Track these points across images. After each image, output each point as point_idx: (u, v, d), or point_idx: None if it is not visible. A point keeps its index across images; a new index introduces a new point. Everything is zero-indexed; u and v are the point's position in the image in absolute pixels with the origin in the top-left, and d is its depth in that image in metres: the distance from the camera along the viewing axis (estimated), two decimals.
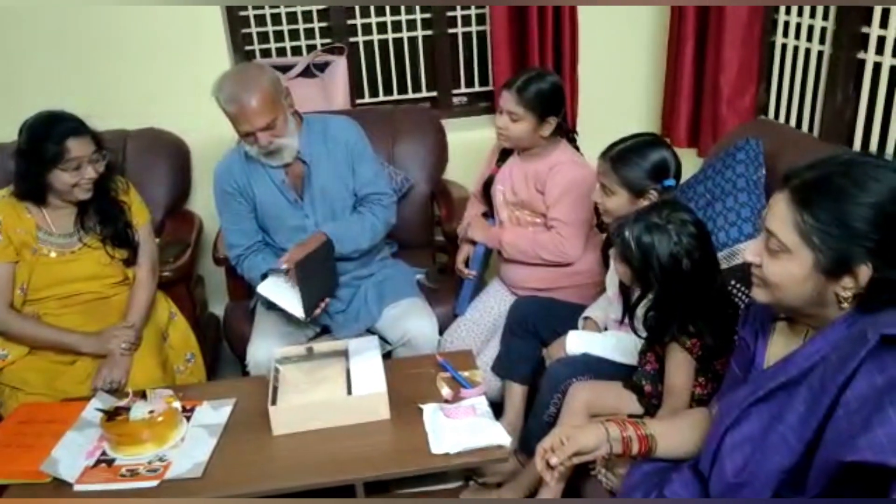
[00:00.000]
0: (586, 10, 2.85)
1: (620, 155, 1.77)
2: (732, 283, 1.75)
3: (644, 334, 1.59)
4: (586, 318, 1.99)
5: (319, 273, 2.01)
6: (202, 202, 2.77)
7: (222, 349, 2.73)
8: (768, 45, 2.68)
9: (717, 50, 2.65)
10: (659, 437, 1.31)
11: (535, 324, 2.04)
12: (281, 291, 2.03)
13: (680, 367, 1.51)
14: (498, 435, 1.62)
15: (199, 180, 2.79)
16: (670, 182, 1.75)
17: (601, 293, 2.04)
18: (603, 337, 1.84)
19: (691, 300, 1.49)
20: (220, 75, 1.97)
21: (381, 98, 3.14)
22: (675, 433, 1.34)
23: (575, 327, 1.98)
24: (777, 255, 1.08)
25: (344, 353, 1.92)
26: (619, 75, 3.10)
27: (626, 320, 1.74)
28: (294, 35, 2.99)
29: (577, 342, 1.83)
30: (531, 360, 2.03)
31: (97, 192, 2.01)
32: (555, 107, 2.10)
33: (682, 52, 2.75)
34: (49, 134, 1.88)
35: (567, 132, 2.23)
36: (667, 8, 2.84)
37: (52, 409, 1.82)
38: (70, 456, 1.61)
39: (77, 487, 1.55)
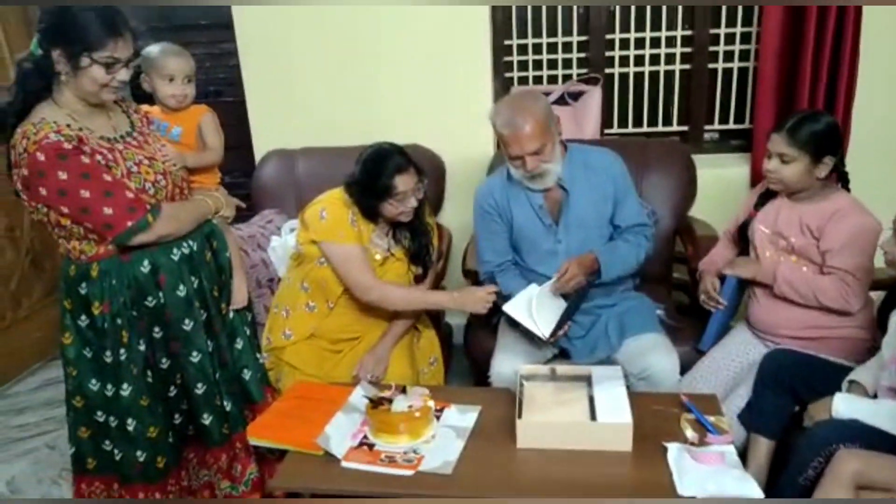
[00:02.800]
0: (870, 49, 2.65)
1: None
2: None
3: None
4: (852, 381, 1.84)
5: (576, 297, 2.07)
6: (452, 216, 2.96)
7: (453, 357, 2.88)
8: None
9: None
10: None
11: (791, 379, 1.93)
12: (525, 311, 2.12)
13: None
14: (749, 488, 1.56)
15: (450, 195, 2.98)
16: None
17: (868, 351, 1.89)
18: (877, 404, 1.70)
19: None
20: (498, 101, 2.12)
21: (630, 129, 3.15)
22: None
23: (837, 388, 1.84)
24: None
25: (586, 379, 1.95)
26: None
27: None
28: (552, 64, 3.09)
29: (845, 406, 1.70)
30: (783, 416, 1.93)
31: None
32: (831, 147, 2.00)
33: None
34: (380, 171, 2.08)
35: (844, 175, 2.11)
36: None
37: (323, 389, 2.04)
38: (339, 434, 1.79)
39: (344, 464, 1.72)
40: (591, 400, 1.86)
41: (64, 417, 2.76)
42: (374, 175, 2.08)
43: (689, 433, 1.75)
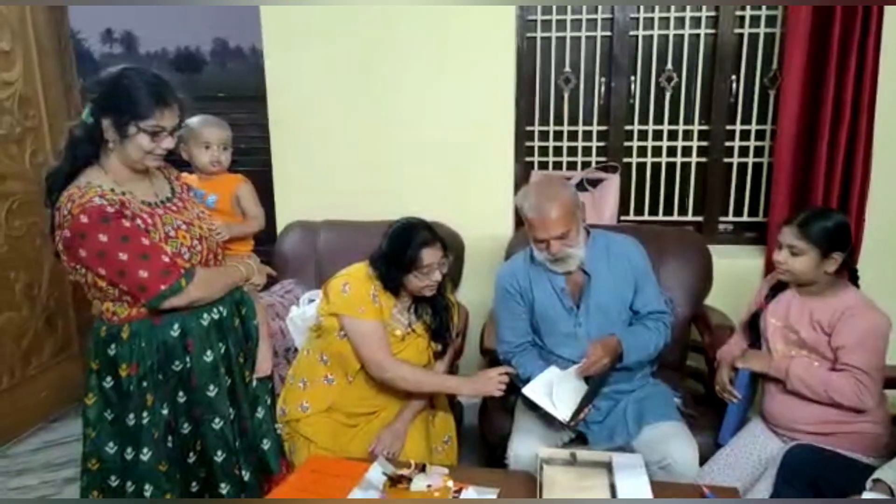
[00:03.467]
0: (884, 146, 2.73)
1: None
2: None
3: None
4: (876, 480, 1.82)
5: (598, 380, 2.07)
6: (470, 294, 2.98)
7: (464, 437, 2.85)
8: None
9: None
10: None
11: (815, 477, 1.91)
12: (544, 394, 2.11)
13: None
14: None
15: (469, 274, 3.01)
16: None
17: (885, 447, 1.87)
18: None
19: None
20: (527, 186, 2.18)
21: (646, 217, 3.21)
22: None
23: (859, 485, 1.82)
24: None
25: (606, 466, 1.93)
26: None
27: None
28: (572, 151, 3.19)
29: None
30: None
31: None
32: (840, 244, 2.04)
33: None
34: (407, 243, 2.11)
35: (854, 272, 2.15)
36: None
37: (338, 464, 2.01)
38: None
39: None
40: (613, 488, 1.83)
41: (62, 481, 2.71)
42: (402, 247, 2.11)
43: None
